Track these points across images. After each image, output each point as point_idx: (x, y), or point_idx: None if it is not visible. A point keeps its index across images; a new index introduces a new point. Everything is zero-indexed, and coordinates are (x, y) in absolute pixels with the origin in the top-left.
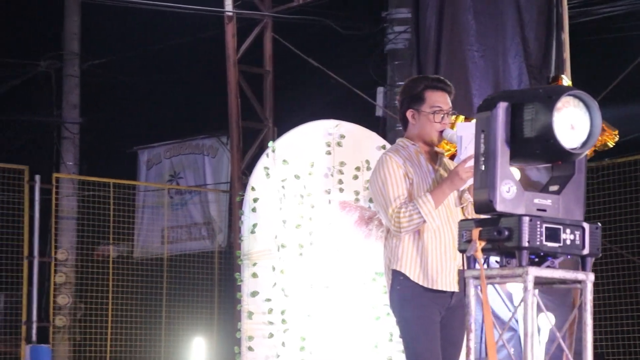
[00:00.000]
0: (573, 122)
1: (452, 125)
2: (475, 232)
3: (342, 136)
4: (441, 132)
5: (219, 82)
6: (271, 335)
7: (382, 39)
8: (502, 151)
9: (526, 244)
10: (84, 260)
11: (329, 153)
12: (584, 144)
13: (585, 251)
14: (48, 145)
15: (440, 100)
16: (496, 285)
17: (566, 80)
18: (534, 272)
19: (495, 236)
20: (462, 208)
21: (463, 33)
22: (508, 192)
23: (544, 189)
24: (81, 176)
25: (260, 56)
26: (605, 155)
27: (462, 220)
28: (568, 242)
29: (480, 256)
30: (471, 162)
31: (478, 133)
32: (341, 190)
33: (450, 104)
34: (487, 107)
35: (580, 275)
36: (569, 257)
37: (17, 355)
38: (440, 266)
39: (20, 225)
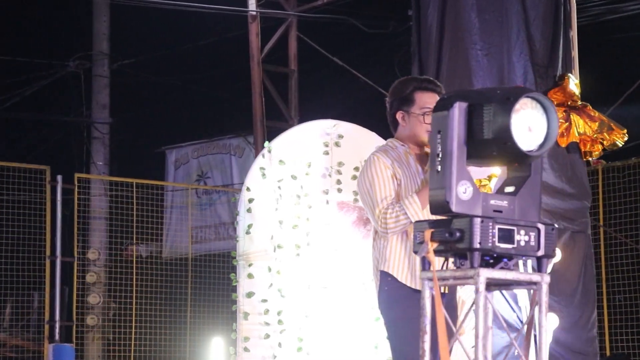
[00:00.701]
0: (530, 124)
1: None
2: (428, 234)
3: (341, 136)
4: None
5: (245, 82)
6: (267, 336)
7: (408, 38)
8: (459, 152)
9: (477, 246)
10: (114, 259)
11: (326, 153)
12: (541, 146)
13: (540, 252)
14: (78, 146)
15: (430, 101)
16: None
17: (573, 79)
18: (485, 273)
19: (447, 238)
20: None
21: (466, 31)
22: (464, 193)
23: (499, 190)
24: (103, 176)
25: (285, 55)
26: (631, 154)
27: (416, 222)
28: (522, 243)
29: (432, 258)
30: None
31: (434, 133)
32: (339, 190)
33: None
34: (443, 107)
35: (535, 277)
36: (523, 258)
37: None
38: None
39: (43, 226)
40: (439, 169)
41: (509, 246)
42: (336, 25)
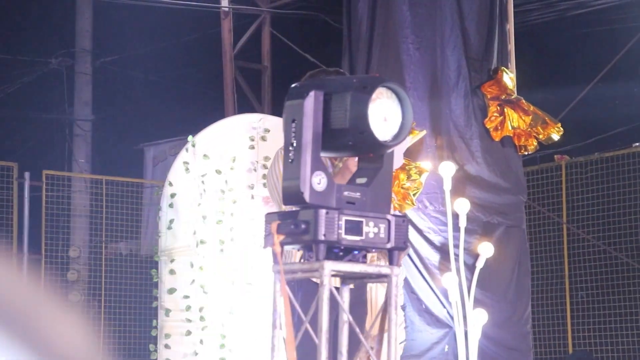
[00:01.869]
0: (386, 114)
1: None
2: (274, 226)
3: (267, 130)
4: None
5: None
6: (189, 333)
7: None
8: (314, 141)
9: (322, 237)
10: (94, 257)
11: (252, 147)
12: (396, 137)
13: (390, 244)
14: (60, 143)
15: None
16: (430, 282)
17: (507, 73)
18: (330, 266)
19: (293, 229)
20: None
21: (397, 25)
22: (319, 184)
23: (351, 181)
24: (73, 173)
25: (258, 52)
26: (594, 149)
27: (267, 214)
28: (371, 235)
29: (278, 250)
30: None
31: (288, 122)
32: (265, 185)
33: None
34: (298, 95)
35: (384, 270)
36: (373, 250)
37: None
38: None
39: (10, 223)
40: (293, 159)
41: (357, 238)
42: (309, 22)
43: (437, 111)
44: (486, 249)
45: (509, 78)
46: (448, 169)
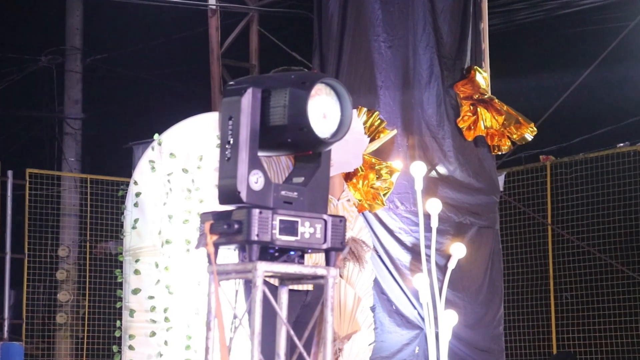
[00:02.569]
0: (325, 111)
1: None
2: (207, 226)
3: None
4: None
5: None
6: (153, 334)
7: None
8: (251, 139)
9: (255, 238)
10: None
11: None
12: (335, 134)
13: (326, 245)
14: (50, 141)
15: None
16: (400, 283)
17: (481, 72)
18: (263, 267)
19: (225, 229)
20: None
21: (369, 23)
22: (256, 183)
23: (287, 180)
24: (56, 171)
25: (246, 50)
26: (579, 150)
27: (202, 213)
28: (307, 235)
29: (211, 251)
30: None
31: (225, 119)
32: None
33: None
34: (235, 92)
35: (320, 271)
36: (309, 250)
37: None
38: None
39: None
40: (230, 157)
41: (292, 238)
42: (297, 20)
43: (408, 110)
44: (458, 250)
45: (482, 77)
46: (419, 169)
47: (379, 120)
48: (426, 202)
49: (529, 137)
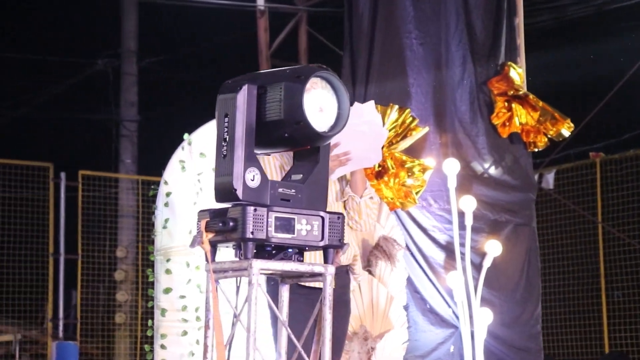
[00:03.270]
0: (322, 105)
1: None
2: (203, 223)
3: None
4: None
5: None
6: (185, 333)
7: None
8: (247, 136)
9: (250, 235)
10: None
11: None
12: (333, 128)
13: (324, 242)
14: (106, 144)
15: None
16: (434, 281)
17: (515, 68)
18: (259, 265)
19: (221, 227)
20: (344, 202)
21: (400, 20)
22: (253, 180)
23: (286, 177)
24: (107, 173)
25: (295, 51)
26: (629, 146)
27: (200, 211)
28: (304, 232)
29: (207, 249)
30: (337, 150)
31: (221, 117)
32: None
33: None
34: (231, 90)
35: (317, 268)
36: (307, 248)
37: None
38: None
39: (46, 223)
40: (226, 154)
41: (288, 236)
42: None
43: (441, 108)
44: (494, 248)
45: (516, 73)
46: (452, 167)
47: (410, 118)
48: (460, 200)
49: (566, 133)
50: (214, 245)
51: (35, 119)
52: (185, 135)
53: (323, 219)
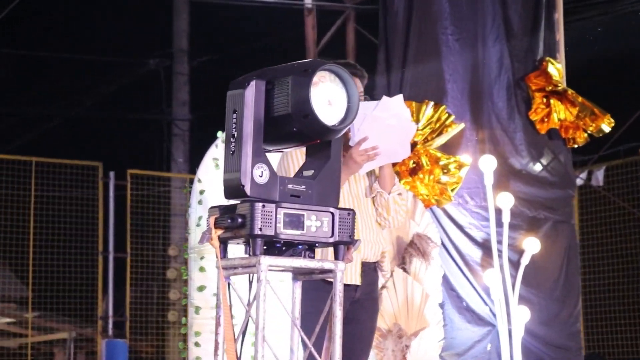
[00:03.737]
0: (330, 98)
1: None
2: (212, 220)
3: None
4: None
5: None
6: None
7: None
8: (255, 132)
9: (258, 232)
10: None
11: None
12: (343, 121)
13: (334, 238)
14: (158, 143)
15: None
16: (471, 279)
17: (554, 63)
18: (267, 261)
19: (229, 224)
20: (373, 198)
21: (436, 16)
22: (261, 176)
23: (298, 173)
24: (156, 172)
25: (343, 48)
26: None
27: (211, 207)
28: (313, 229)
29: (216, 245)
30: (366, 144)
31: (229, 113)
32: None
33: (362, 88)
34: (239, 86)
35: (327, 264)
36: (317, 245)
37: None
38: None
39: (96, 222)
40: (234, 151)
41: (297, 232)
42: None
43: (478, 104)
44: (532, 245)
45: (555, 68)
46: (489, 163)
47: (446, 114)
48: (497, 197)
49: (607, 128)
50: (224, 242)
51: (87, 119)
52: (219, 133)
53: (333, 215)
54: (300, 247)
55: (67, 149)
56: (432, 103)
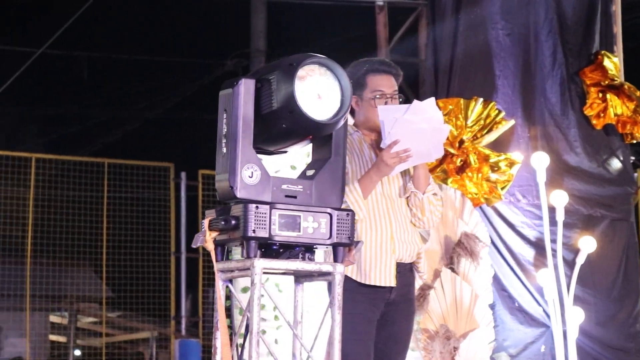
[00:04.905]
0: (320, 92)
1: None
2: (206, 222)
3: None
4: None
5: None
6: (263, 332)
7: None
8: (244, 132)
9: (252, 234)
10: None
11: None
12: (335, 115)
13: (332, 240)
14: None
15: (382, 84)
16: (523, 279)
17: (610, 57)
18: (262, 264)
19: (223, 225)
20: (407, 198)
21: (486, 10)
22: (251, 177)
23: (302, 173)
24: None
25: (416, 45)
26: None
27: (208, 209)
28: (310, 230)
29: (211, 248)
30: (397, 147)
31: (221, 113)
32: None
33: (396, 87)
34: (229, 85)
35: (325, 267)
36: (315, 246)
37: None
38: (375, 260)
39: (168, 222)
40: (225, 151)
41: (293, 234)
42: None
43: (530, 100)
44: (587, 244)
45: (610, 62)
46: (541, 160)
47: (496, 111)
48: (551, 195)
49: None
50: (221, 245)
51: (160, 121)
52: None
53: (331, 216)
54: (297, 249)
55: (139, 151)
56: (481, 99)
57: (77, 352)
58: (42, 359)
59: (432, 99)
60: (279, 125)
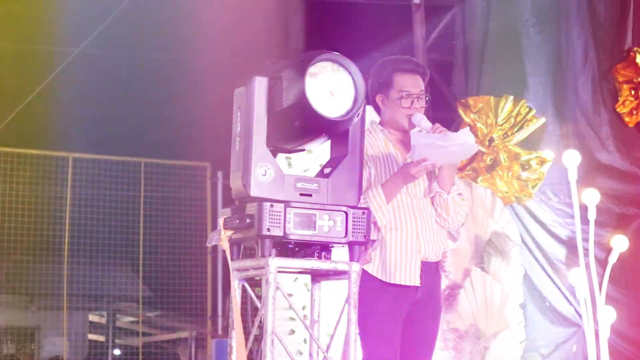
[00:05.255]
0: (332, 89)
1: None
2: (221, 221)
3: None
4: (411, 117)
5: None
6: (292, 332)
7: None
8: (258, 130)
9: (266, 232)
10: None
11: None
12: (349, 112)
13: (347, 238)
14: None
15: (409, 83)
16: (554, 278)
17: None
18: (276, 263)
19: (238, 224)
20: (432, 198)
21: (516, 6)
22: (264, 175)
23: (320, 171)
24: None
25: (452, 44)
26: None
27: (224, 208)
28: (326, 228)
29: (225, 246)
30: (425, 163)
31: (235, 110)
32: None
33: (423, 87)
34: (243, 83)
35: (341, 265)
36: (331, 245)
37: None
38: (400, 259)
39: (205, 222)
40: (238, 149)
41: (309, 232)
42: None
43: (561, 98)
44: (620, 243)
45: None
46: (573, 158)
47: (527, 108)
48: (582, 193)
49: None
50: (237, 244)
51: (200, 120)
52: None
53: (347, 214)
54: (313, 247)
55: (176, 150)
56: (511, 97)
57: (117, 352)
58: (80, 358)
59: (467, 129)
60: (292, 122)
